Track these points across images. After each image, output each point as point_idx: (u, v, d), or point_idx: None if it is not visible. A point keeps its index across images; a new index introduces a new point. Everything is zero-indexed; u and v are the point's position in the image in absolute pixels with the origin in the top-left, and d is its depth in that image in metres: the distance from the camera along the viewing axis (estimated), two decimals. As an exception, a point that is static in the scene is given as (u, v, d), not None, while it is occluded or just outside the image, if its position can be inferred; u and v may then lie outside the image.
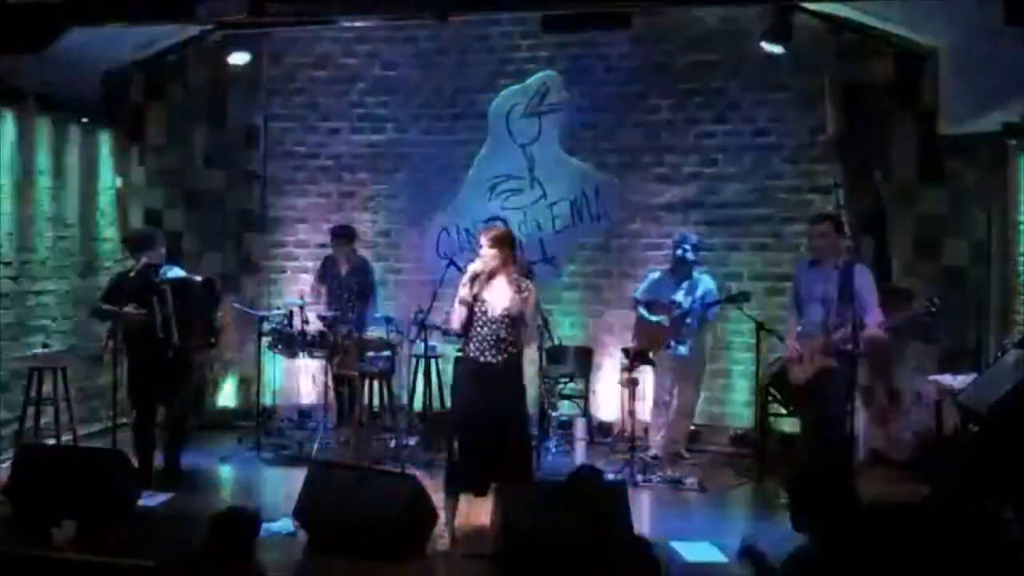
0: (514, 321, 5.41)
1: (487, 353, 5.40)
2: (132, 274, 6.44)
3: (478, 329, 5.41)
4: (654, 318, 7.10)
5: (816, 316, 6.04)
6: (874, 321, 5.85)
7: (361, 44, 8.55)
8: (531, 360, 5.66)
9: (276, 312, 7.69)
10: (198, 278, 6.81)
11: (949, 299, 7.21)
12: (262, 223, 8.74)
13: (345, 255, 7.82)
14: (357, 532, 5.20)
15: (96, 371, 7.50)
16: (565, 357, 7.87)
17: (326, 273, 7.93)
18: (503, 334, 5.39)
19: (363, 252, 8.11)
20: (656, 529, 5.69)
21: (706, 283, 7.18)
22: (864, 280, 5.97)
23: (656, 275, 7.34)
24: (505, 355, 5.41)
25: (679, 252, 7.15)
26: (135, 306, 6.29)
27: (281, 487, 6.59)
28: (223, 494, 6.69)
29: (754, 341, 6.99)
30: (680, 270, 7.18)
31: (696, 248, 7.20)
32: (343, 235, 7.84)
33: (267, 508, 6.12)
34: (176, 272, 6.65)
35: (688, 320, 7.05)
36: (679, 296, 7.10)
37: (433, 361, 7.55)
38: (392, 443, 7.33)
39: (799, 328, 6.22)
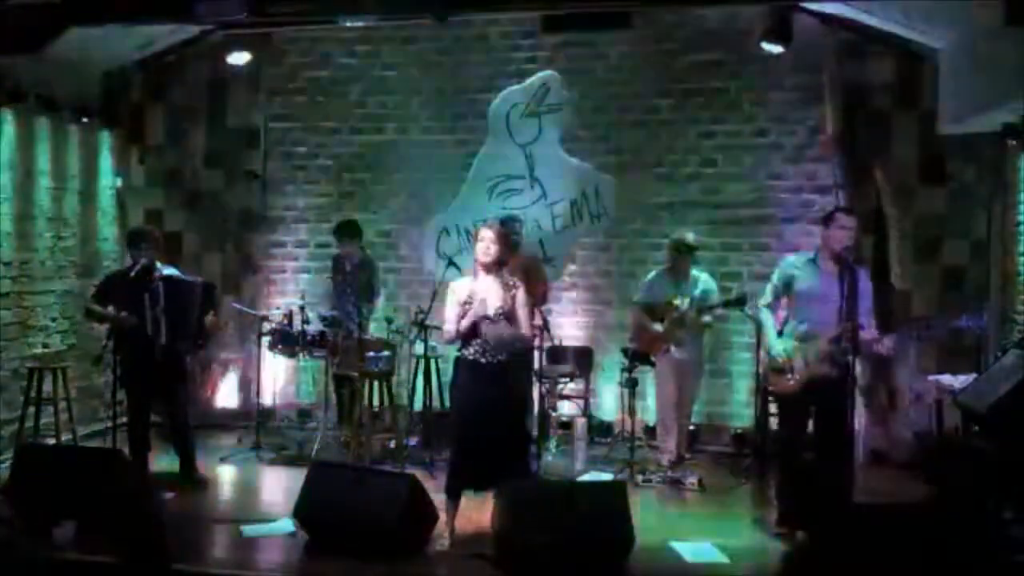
0: (509, 320, 5.37)
1: (488, 354, 5.35)
2: (132, 273, 6.42)
3: (477, 330, 5.34)
4: (653, 326, 7.04)
5: (817, 317, 5.55)
6: (870, 335, 5.48)
7: (361, 44, 8.55)
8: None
9: (276, 312, 7.68)
10: (199, 280, 6.81)
11: (949, 299, 7.25)
12: (262, 223, 8.75)
13: (350, 251, 7.79)
14: (357, 532, 5.20)
15: (96, 371, 7.51)
16: (565, 357, 7.87)
17: (333, 272, 7.90)
18: (502, 333, 5.33)
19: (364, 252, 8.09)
20: (656, 529, 5.68)
21: (705, 282, 7.13)
22: (867, 286, 5.63)
23: (652, 275, 7.32)
24: (505, 355, 5.38)
25: (675, 253, 7.11)
26: (127, 312, 6.27)
27: (281, 487, 6.59)
28: (223, 494, 6.69)
29: (754, 341, 6.99)
30: (677, 270, 7.14)
31: (692, 248, 7.16)
32: (346, 230, 7.78)
33: (267, 508, 6.17)
34: (171, 271, 6.63)
35: (687, 321, 7.00)
36: (676, 299, 7.05)
37: (433, 361, 7.55)
38: (392, 443, 7.33)
39: (796, 328, 5.71)
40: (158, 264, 6.52)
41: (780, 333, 5.76)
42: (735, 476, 7.05)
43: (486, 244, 5.36)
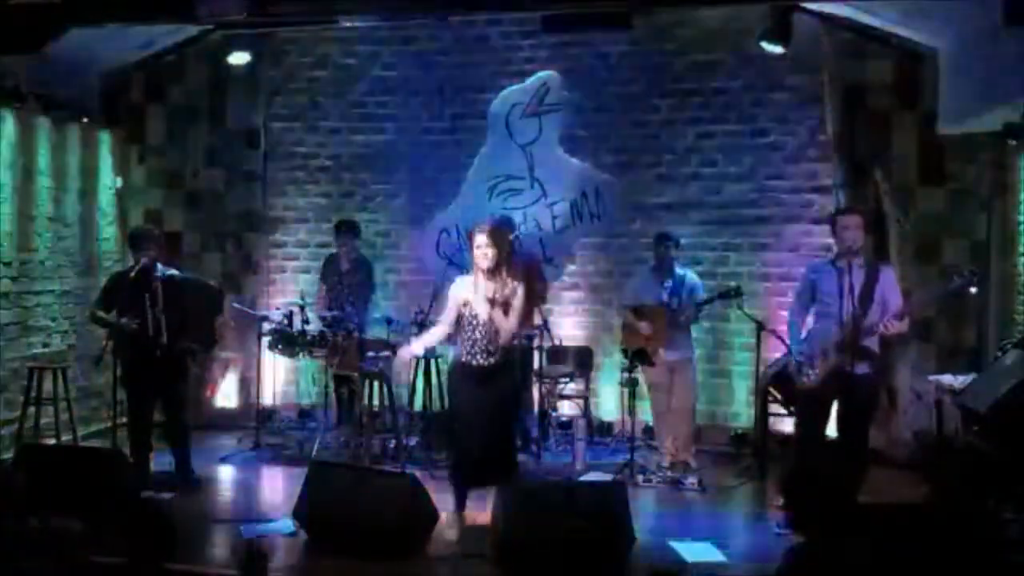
0: (500, 323, 5.41)
1: (478, 356, 5.45)
2: (133, 274, 6.42)
3: (468, 333, 5.44)
4: (640, 325, 6.94)
5: (833, 315, 5.57)
6: (896, 312, 5.46)
7: (361, 44, 8.55)
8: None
9: (276, 312, 7.68)
10: (212, 283, 6.83)
11: (949, 299, 7.24)
12: (262, 223, 8.75)
13: (347, 251, 7.80)
14: (357, 532, 5.20)
15: (96, 371, 7.50)
16: (565, 357, 7.87)
17: (327, 271, 7.92)
18: (492, 336, 5.42)
19: (363, 252, 8.09)
20: (656, 529, 5.69)
21: (691, 278, 7.09)
22: (890, 283, 5.62)
23: (639, 275, 7.29)
24: (495, 357, 5.46)
25: (662, 250, 7.05)
26: (130, 317, 6.28)
27: (281, 487, 6.60)
28: (223, 494, 6.69)
29: (754, 341, 6.99)
30: (663, 268, 7.06)
31: (678, 245, 7.12)
32: (346, 228, 7.81)
33: (267, 508, 6.17)
34: (171, 272, 6.63)
35: (677, 321, 6.96)
36: (664, 296, 6.98)
37: (433, 361, 7.55)
38: (392, 443, 7.33)
39: (810, 327, 5.83)
40: (158, 265, 6.51)
41: (808, 336, 5.81)
42: (735, 476, 7.04)
43: (483, 250, 5.38)
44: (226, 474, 7.09)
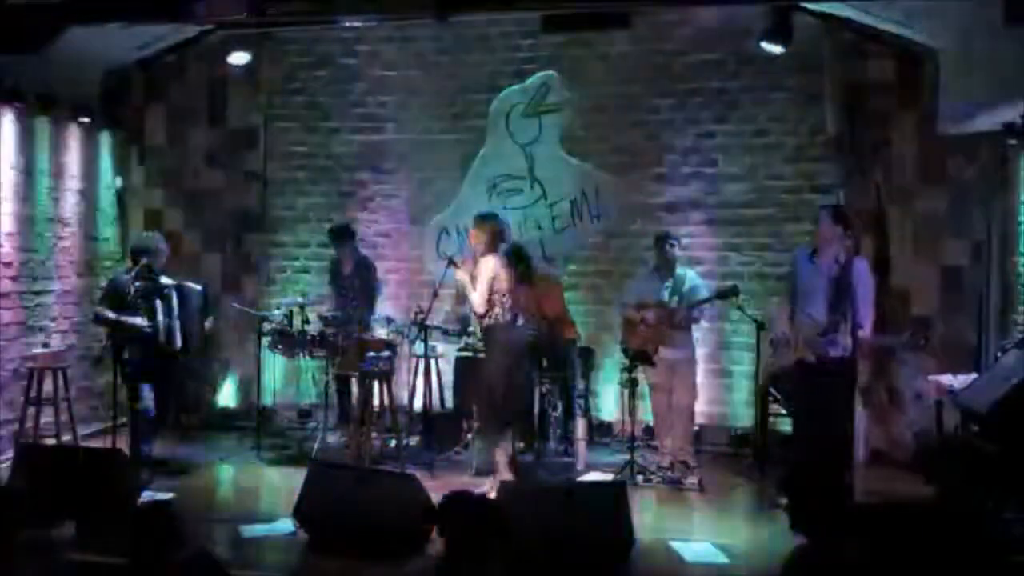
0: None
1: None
2: (141, 281, 6.46)
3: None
4: (642, 317, 6.96)
5: (812, 309, 5.80)
6: (862, 323, 5.53)
7: (361, 44, 8.55)
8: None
9: (276, 312, 7.69)
10: (197, 286, 6.87)
11: (949, 299, 7.25)
12: (262, 223, 8.75)
13: (347, 254, 7.82)
14: (357, 532, 5.20)
15: (96, 371, 7.51)
16: (565, 357, 7.85)
17: (333, 275, 7.93)
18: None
19: (364, 253, 8.09)
20: (656, 529, 5.69)
21: (691, 278, 7.08)
22: (862, 276, 5.73)
23: (640, 275, 7.28)
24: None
25: (665, 249, 7.03)
26: (143, 317, 6.33)
27: (281, 487, 6.60)
28: (223, 494, 6.69)
29: (754, 341, 6.98)
30: (664, 267, 7.04)
31: (679, 245, 7.11)
32: (339, 234, 7.83)
33: (267, 508, 6.17)
34: (168, 280, 6.69)
35: (675, 320, 6.95)
36: (665, 295, 6.97)
37: (433, 361, 7.54)
38: (392, 443, 7.33)
39: (794, 315, 6.01)
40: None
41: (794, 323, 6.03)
42: (735, 476, 7.04)
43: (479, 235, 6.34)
44: (226, 474, 7.09)
